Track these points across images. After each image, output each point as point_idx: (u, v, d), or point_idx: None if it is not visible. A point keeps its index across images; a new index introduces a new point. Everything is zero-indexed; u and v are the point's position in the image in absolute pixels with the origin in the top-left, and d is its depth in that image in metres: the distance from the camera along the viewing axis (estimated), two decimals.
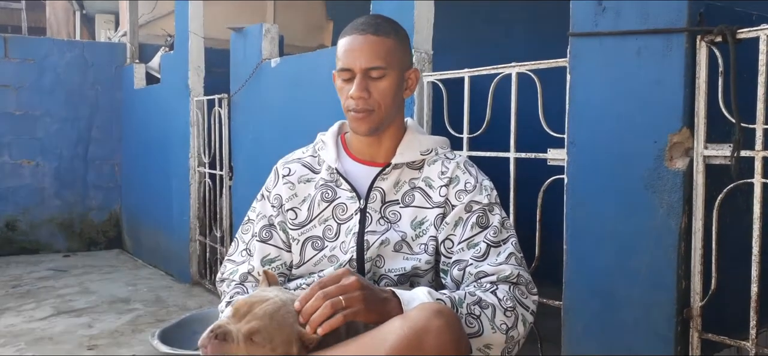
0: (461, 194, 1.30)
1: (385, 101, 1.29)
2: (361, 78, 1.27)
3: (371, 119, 1.29)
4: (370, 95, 1.27)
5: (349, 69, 1.28)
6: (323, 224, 1.33)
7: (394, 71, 1.29)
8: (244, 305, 1.06)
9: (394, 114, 1.33)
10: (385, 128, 1.33)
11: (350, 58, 1.27)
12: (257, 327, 1.02)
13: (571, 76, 1.83)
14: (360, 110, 1.27)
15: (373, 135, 1.32)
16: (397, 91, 1.31)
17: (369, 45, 1.26)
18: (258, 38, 3.43)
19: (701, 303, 1.59)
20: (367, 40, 1.27)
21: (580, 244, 1.82)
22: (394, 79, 1.29)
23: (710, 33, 1.54)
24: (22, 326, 3.27)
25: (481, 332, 1.14)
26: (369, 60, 1.26)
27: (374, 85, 1.27)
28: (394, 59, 1.29)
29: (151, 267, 4.79)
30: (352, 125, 1.32)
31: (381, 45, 1.27)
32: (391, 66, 1.28)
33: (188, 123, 4.13)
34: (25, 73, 5.17)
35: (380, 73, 1.27)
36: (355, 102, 1.27)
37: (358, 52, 1.27)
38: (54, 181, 5.31)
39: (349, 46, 1.28)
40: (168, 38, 5.16)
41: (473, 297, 1.17)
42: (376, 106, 1.28)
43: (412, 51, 2.33)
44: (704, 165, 1.57)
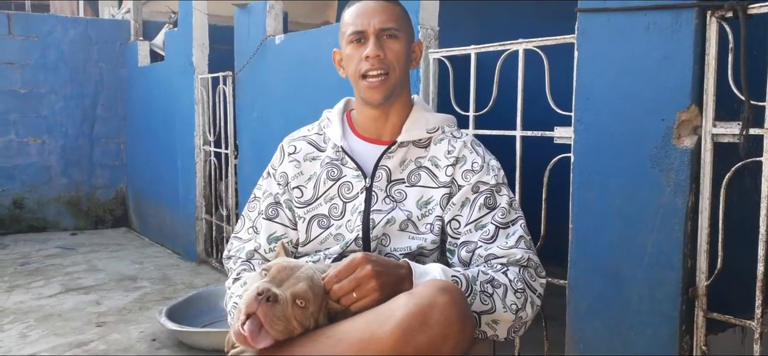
0: (468, 175, 1.29)
1: (399, 63, 1.30)
2: (376, 38, 1.27)
3: (387, 83, 1.28)
4: (385, 55, 1.28)
5: (361, 31, 1.28)
6: (329, 203, 1.33)
7: (404, 37, 1.31)
8: (283, 270, 1.08)
9: (403, 83, 1.33)
10: (395, 99, 1.32)
11: (364, 19, 1.28)
12: (303, 289, 1.05)
13: (578, 52, 1.81)
14: (376, 72, 1.27)
15: (385, 104, 1.31)
16: (407, 58, 1.33)
17: (382, 7, 1.29)
18: (262, 15, 3.40)
19: (707, 282, 1.59)
20: (379, 4, 1.29)
21: (586, 223, 1.81)
22: (405, 45, 1.31)
23: (721, 8, 1.51)
24: (31, 303, 3.31)
25: (493, 309, 1.16)
26: (383, 20, 1.28)
27: (389, 46, 1.28)
28: (404, 25, 1.32)
29: (157, 245, 4.82)
30: (366, 94, 1.30)
31: (392, 9, 1.30)
32: (402, 30, 1.31)
33: (193, 101, 4.12)
34: (29, 51, 5.16)
35: (394, 33, 1.29)
36: (372, 62, 1.27)
37: (372, 13, 1.28)
38: (60, 159, 5.33)
39: (362, 10, 1.29)
40: (172, 15, 5.12)
41: (486, 275, 1.19)
42: (391, 67, 1.29)
43: (419, 27, 2.32)
44: (712, 143, 1.56)
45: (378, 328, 1.00)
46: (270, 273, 1.08)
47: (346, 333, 1.03)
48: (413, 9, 2.32)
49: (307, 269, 1.10)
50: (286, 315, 1.03)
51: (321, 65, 2.93)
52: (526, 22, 3.91)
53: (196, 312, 2.97)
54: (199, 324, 2.90)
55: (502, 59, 2.10)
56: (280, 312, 1.03)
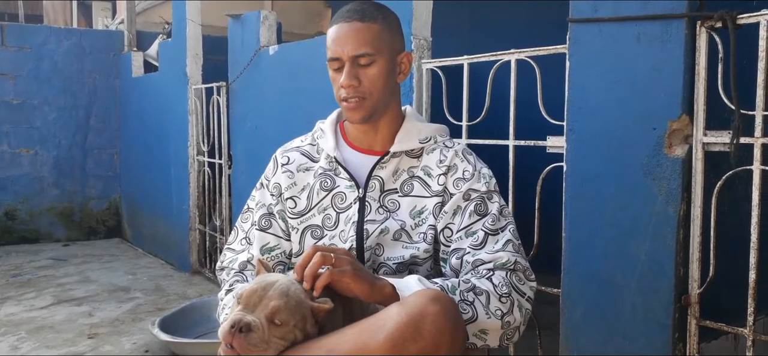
0: (459, 183, 1.29)
1: (376, 87, 1.28)
2: (350, 66, 1.26)
3: (364, 106, 1.28)
4: (360, 83, 1.26)
5: (337, 58, 1.27)
6: (322, 213, 1.33)
7: (384, 57, 1.28)
8: (253, 293, 1.07)
9: (387, 100, 1.32)
10: (380, 115, 1.32)
11: (338, 46, 1.27)
12: (277, 306, 1.04)
13: (570, 62, 1.83)
14: (351, 99, 1.27)
15: (368, 123, 1.32)
16: (389, 76, 1.30)
17: (355, 32, 1.26)
18: (256, 25, 3.41)
19: (699, 290, 1.60)
20: (352, 28, 1.26)
21: (579, 231, 1.82)
22: (384, 65, 1.28)
23: (710, 18, 1.53)
24: (23, 315, 3.28)
25: (475, 318, 1.15)
26: (356, 47, 1.25)
27: (364, 73, 1.27)
28: (383, 44, 1.28)
29: (151, 255, 4.79)
30: (346, 114, 1.32)
31: (367, 31, 1.26)
32: (380, 52, 1.27)
33: (186, 111, 4.12)
34: (22, 62, 5.14)
35: (368, 59, 1.26)
36: (346, 91, 1.27)
37: (345, 40, 1.26)
38: (53, 170, 5.31)
39: (336, 35, 1.27)
40: (166, 26, 5.13)
41: (467, 283, 1.18)
42: (368, 93, 1.27)
43: (412, 37, 2.33)
44: (703, 152, 1.57)
45: (370, 339, 1.00)
46: (242, 299, 1.07)
47: (337, 344, 1.03)
48: (406, 19, 2.33)
49: (281, 284, 1.08)
50: (264, 339, 1.02)
51: (315, 76, 2.94)
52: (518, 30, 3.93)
53: (189, 323, 2.96)
54: (192, 335, 2.88)
55: (494, 69, 2.12)
56: (257, 339, 1.02)
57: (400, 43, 1.34)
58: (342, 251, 1.14)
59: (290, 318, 1.05)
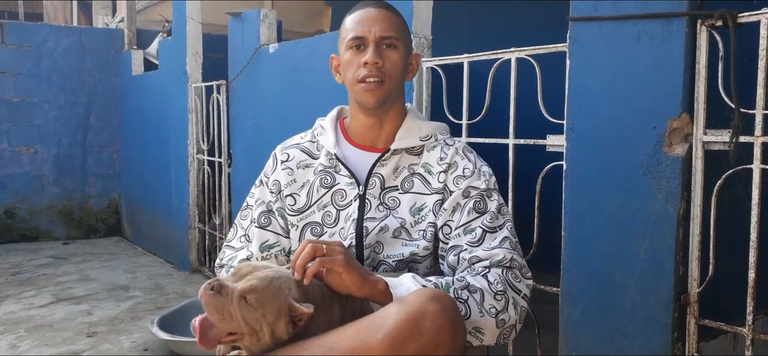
0: (459, 180, 1.29)
1: (396, 72, 1.31)
2: (376, 46, 1.29)
3: (382, 89, 1.29)
4: (383, 64, 1.29)
5: (362, 37, 1.29)
6: (322, 210, 1.33)
7: (403, 48, 1.33)
8: (246, 268, 1.10)
9: (398, 92, 1.35)
10: (389, 106, 1.33)
11: (365, 26, 1.29)
12: (253, 286, 1.04)
13: (570, 61, 1.82)
14: (373, 78, 1.28)
15: (380, 109, 1.32)
16: (404, 68, 1.34)
17: (384, 16, 1.31)
18: (256, 24, 3.41)
19: (698, 289, 1.60)
20: (380, 12, 1.31)
21: (579, 230, 1.81)
22: (403, 55, 1.32)
23: (711, 17, 1.53)
24: (22, 313, 3.28)
25: (468, 316, 1.14)
26: (384, 29, 1.29)
27: (387, 55, 1.30)
28: (404, 36, 1.33)
29: (150, 254, 4.79)
30: (361, 96, 1.30)
31: (394, 19, 1.32)
32: (402, 41, 1.32)
33: (186, 110, 4.12)
34: (22, 60, 5.14)
35: (393, 43, 1.30)
36: (370, 68, 1.28)
37: (373, 20, 1.29)
38: (53, 168, 5.30)
39: (364, 17, 1.31)
40: (166, 24, 5.12)
41: (461, 281, 1.18)
42: (388, 75, 1.30)
43: (412, 36, 2.33)
44: (703, 151, 1.57)
45: (369, 337, 1.00)
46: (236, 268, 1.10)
47: (336, 342, 1.03)
48: (406, 17, 2.32)
49: (271, 272, 1.07)
50: (228, 310, 1.03)
51: (315, 74, 2.94)
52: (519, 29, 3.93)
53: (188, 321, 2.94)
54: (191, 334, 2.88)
55: (494, 68, 2.11)
56: (222, 304, 1.03)
57: (411, 44, 1.39)
58: (336, 243, 1.15)
59: (263, 304, 1.03)
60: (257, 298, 1.04)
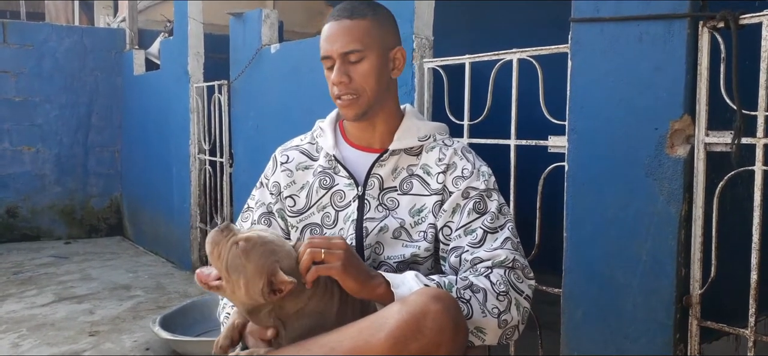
0: (458, 181, 1.29)
1: (368, 83, 1.28)
2: (340, 63, 1.27)
3: (357, 103, 1.28)
4: (351, 80, 1.27)
5: (328, 57, 1.28)
6: (322, 211, 1.33)
7: (374, 52, 1.28)
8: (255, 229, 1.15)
9: (381, 97, 1.32)
10: (376, 111, 1.32)
11: (328, 44, 1.28)
12: (249, 237, 1.08)
13: (572, 62, 1.82)
14: (344, 96, 1.28)
15: (363, 119, 1.32)
16: (381, 72, 1.30)
17: (343, 29, 1.27)
18: (257, 24, 3.41)
19: (700, 290, 1.59)
20: (341, 26, 1.27)
21: (580, 231, 1.81)
22: (374, 61, 1.28)
23: (712, 18, 1.53)
24: (24, 312, 3.29)
25: (470, 315, 1.14)
26: (344, 44, 1.26)
27: (354, 70, 1.27)
28: (373, 40, 1.28)
29: (152, 253, 4.80)
30: (341, 111, 1.32)
31: (356, 28, 1.27)
32: (370, 47, 1.27)
33: (188, 109, 4.12)
34: (24, 59, 5.14)
35: (358, 56, 1.27)
36: (337, 88, 1.28)
37: (334, 37, 1.27)
38: (54, 167, 5.31)
39: (327, 34, 1.29)
40: (167, 24, 5.13)
41: (464, 281, 1.18)
42: (360, 90, 1.28)
43: (413, 36, 2.33)
44: (705, 152, 1.57)
45: (371, 336, 1.00)
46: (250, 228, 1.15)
47: (338, 341, 1.03)
48: (407, 18, 2.33)
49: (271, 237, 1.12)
50: (221, 250, 1.08)
51: (316, 74, 2.94)
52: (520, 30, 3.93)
53: (190, 321, 2.96)
54: (193, 333, 2.88)
55: (496, 69, 2.11)
56: (218, 241, 1.09)
57: (393, 38, 1.34)
58: (337, 245, 1.11)
59: (248, 256, 1.06)
60: (246, 249, 1.07)
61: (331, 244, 1.12)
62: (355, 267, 1.12)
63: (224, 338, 1.19)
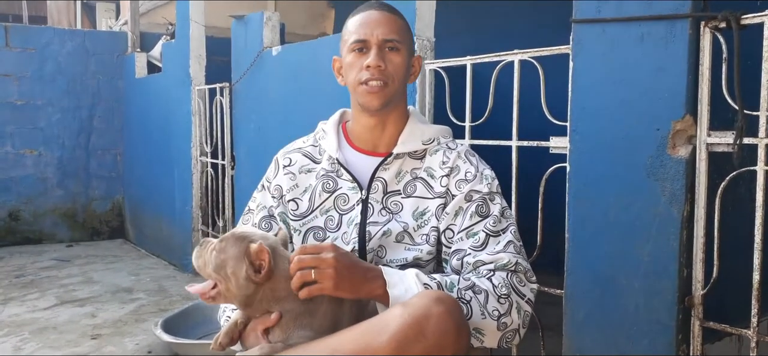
0: (461, 184, 1.29)
1: (398, 75, 1.31)
2: (378, 49, 1.29)
3: (384, 92, 1.29)
4: (386, 67, 1.29)
5: (364, 40, 1.29)
6: (325, 215, 1.33)
7: (406, 50, 1.32)
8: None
9: (400, 95, 1.34)
10: (392, 108, 1.33)
11: (367, 29, 1.29)
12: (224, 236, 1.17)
13: (573, 63, 1.82)
14: (375, 81, 1.28)
15: (381, 113, 1.32)
16: (407, 71, 1.34)
17: (385, 19, 1.30)
18: (259, 26, 3.41)
19: (703, 291, 1.59)
20: (383, 15, 1.31)
21: (582, 232, 1.81)
22: (405, 58, 1.32)
23: (714, 19, 1.52)
24: (26, 316, 3.29)
25: (470, 316, 1.14)
26: (387, 32, 1.29)
27: (390, 58, 1.29)
28: (406, 39, 1.33)
29: (154, 256, 4.80)
30: (364, 99, 1.30)
31: (396, 22, 1.32)
32: (404, 44, 1.32)
33: (190, 112, 4.13)
34: (26, 63, 5.16)
35: (396, 45, 1.30)
36: (372, 71, 1.28)
37: (376, 23, 1.29)
38: (56, 171, 5.32)
39: (366, 20, 1.31)
40: (169, 27, 5.14)
41: (467, 282, 1.18)
42: (391, 78, 1.29)
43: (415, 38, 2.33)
44: (707, 153, 1.56)
45: (373, 339, 1.00)
46: None
47: (340, 344, 1.03)
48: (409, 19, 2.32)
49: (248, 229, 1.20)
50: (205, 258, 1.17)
51: (318, 76, 2.94)
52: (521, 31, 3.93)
53: (191, 324, 2.96)
54: (194, 336, 2.88)
55: (497, 70, 2.11)
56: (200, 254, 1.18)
57: (413, 46, 1.39)
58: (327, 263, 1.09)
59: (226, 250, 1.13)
60: (221, 246, 1.15)
61: (320, 261, 1.09)
62: (348, 280, 1.10)
63: (224, 335, 1.20)
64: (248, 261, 1.11)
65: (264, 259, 1.10)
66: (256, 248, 1.11)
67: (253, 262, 1.11)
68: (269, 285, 1.12)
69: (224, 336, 1.20)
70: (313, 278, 1.09)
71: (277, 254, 1.14)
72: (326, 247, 1.12)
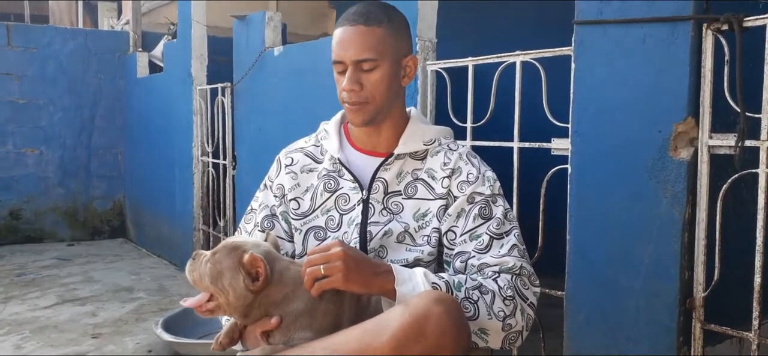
0: (463, 186, 1.29)
1: (379, 91, 1.26)
2: (353, 70, 1.25)
3: (365, 110, 1.27)
4: (362, 87, 1.25)
5: (340, 61, 1.26)
6: (326, 215, 1.33)
7: (387, 61, 1.26)
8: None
9: (390, 104, 1.30)
10: (383, 118, 1.31)
11: (341, 50, 1.26)
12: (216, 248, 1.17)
13: (575, 64, 1.82)
14: (353, 103, 1.27)
15: (370, 126, 1.31)
16: (393, 80, 1.28)
17: (359, 36, 1.24)
18: (261, 26, 3.41)
19: (704, 293, 1.59)
20: (356, 32, 1.24)
21: (584, 234, 1.81)
22: (387, 70, 1.26)
23: (716, 21, 1.52)
24: (27, 314, 3.29)
25: (476, 316, 1.14)
26: (359, 52, 1.24)
27: (366, 78, 1.25)
28: (387, 48, 1.26)
29: (154, 256, 4.80)
30: (348, 116, 1.32)
31: (371, 36, 1.24)
32: (384, 56, 1.25)
33: (191, 112, 4.13)
34: (28, 62, 5.16)
35: (371, 65, 1.24)
36: (348, 95, 1.26)
37: (348, 44, 1.25)
38: (58, 170, 5.32)
39: (340, 38, 1.26)
40: (171, 26, 5.14)
41: (474, 281, 1.18)
42: (370, 98, 1.26)
43: (417, 39, 2.33)
44: (709, 155, 1.56)
45: (373, 340, 1.00)
46: None
47: (340, 344, 1.04)
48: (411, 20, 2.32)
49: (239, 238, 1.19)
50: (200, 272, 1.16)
51: (319, 76, 2.94)
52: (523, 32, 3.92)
53: (192, 323, 2.96)
54: (195, 335, 2.88)
55: (499, 71, 2.11)
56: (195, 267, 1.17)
57: (407, 46, 1.32)
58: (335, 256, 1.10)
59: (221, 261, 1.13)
60: (215, 257, 1.14)
61: (328, 256, 1.10)
62: (357, 273, 1.11)
63: (225, 334, 1.20)
64: (244, 272, 1.11)
65: (259, 267, 1.10)
66: (249, 258, 1.10)
67: (248, 272, 1.11)
68: (266, 291, 1.12)
69: (225, 335, 1.20)
70: (323, 272, 1.09)
71: (272, 258, 1.14)
72: (334, 243, 1.13)
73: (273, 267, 1.12)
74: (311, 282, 1.11)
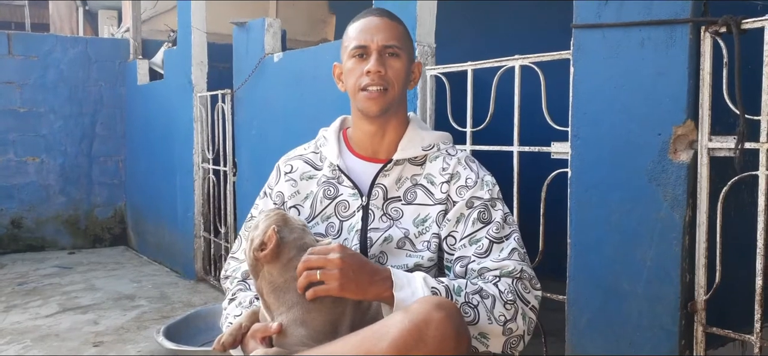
0: (462, 190, 1.29)
1: (398, 80, 1.31)
2: (378, 55, 1.29)
3: (384, 97, 1.30)
4: (386, 72, 1.29)
5: (365, 46, 1.30)
6: (326, 222, 1.33)
7: (406, 56, 1.33)
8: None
9: (401, 99, 1.35)
10: (392, 115, 1.33)
11: (367, 35, 1.30)
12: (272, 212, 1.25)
13: (574, 68, 1.82)
14: (375, 87, 1.28)
15: (382, 118, 1.32)
16: (407, 77, 1.34)
17: (386, 25, 1.31)
18: (260, 33, 3.42)
19: (705, 296, 1.59)
20: (383, 21, 1.32)
21: (584, 238, 1.81)
22: (405, 64, 1.33)
23: (715, 23, 1.52)
24: (28, 323, 3.29)
25: (476, 321, 1.14)
26: (387, 38, 1.30)
27: (390, 64, 1.30)
28: (406, 45, 1.33)
29: (155, 263, 4.80)
30: (364, 104, 1.31)
31: (396, 28, 1.32)
32: (404, 50, 1.32)
33: (192, 119, 4.13)
34: (28, 70, 5.17)
35: (396, 51, 1.30)
36: (372, 77, 1.28)
37: (376, 30, 1.30)
38: (59, 178, 5.33)
39: (366, 26, 1.31)
40: (171, 34, 5.15)
41: (474, 286, 1.18)
42: (390, 84, 1.30)
43: (416, 44, 2.34)
44: (708, 158, 1.56)
45: (373, 346, 1.00)
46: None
47: (340, 350, 1.03)
48: (409, 25, 2.33)
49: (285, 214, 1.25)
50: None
51: (319, 83, 2.94)
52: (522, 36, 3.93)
53: (194, 331, 2.95)
54: (197, 343, 2.88)
55: (498, 75, 2.11)
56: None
57: (413, 52, 1.39)
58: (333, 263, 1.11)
59: (265, 220, 1.20)
60: (264, 216, 1.22)
61: (326, 262, 1.11)
62: (354, 281, 1.11)
63: (228, 335, 1.20)
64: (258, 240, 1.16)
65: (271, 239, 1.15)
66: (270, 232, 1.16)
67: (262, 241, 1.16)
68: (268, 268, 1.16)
69: (228, 336, 1.20)
70: (319, 278, 1.10)
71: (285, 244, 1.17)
72: (334, 248, 1.13)
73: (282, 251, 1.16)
74: (306, 285, 1.12)
